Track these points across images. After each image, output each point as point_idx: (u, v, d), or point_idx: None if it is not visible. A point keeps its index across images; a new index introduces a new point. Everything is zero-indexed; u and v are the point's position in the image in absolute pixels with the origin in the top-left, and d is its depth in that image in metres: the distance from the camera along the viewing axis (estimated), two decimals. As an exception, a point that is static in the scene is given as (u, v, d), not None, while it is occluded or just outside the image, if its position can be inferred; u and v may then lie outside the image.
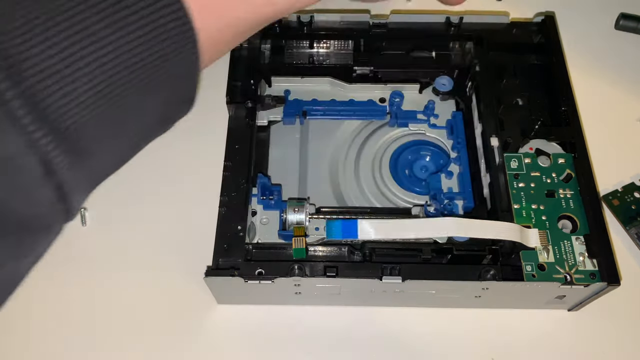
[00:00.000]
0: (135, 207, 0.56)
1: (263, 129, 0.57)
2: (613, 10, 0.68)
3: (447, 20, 0.58)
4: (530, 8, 0.68)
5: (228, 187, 0.49)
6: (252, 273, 0.45)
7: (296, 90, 0.58)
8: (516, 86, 0.55)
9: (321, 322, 0.51)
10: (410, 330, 0.50)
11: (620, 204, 0.55)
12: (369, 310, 0.51)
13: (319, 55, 0.59)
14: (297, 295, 0.49)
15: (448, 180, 0.54)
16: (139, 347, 0.50)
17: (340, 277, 0.45)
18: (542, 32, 0.58)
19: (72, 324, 0.51)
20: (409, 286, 0.46)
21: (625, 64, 0.65)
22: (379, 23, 0.58)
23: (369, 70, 0.57)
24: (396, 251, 0.47)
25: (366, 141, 0.57)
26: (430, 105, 0.57)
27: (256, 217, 0.51)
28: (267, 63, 0.58)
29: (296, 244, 0.46)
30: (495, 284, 0.45)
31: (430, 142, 0.57)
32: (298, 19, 0.58)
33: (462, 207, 0.52)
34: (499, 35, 0.58)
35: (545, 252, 0.46)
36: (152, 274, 0.53)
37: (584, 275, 0.45)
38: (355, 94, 0.58)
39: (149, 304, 0.51)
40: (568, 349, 0.50)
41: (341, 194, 0.54)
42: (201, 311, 0.51)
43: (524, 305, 0.51)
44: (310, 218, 0.50)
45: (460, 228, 0.45)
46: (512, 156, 0.50)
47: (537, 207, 0.48)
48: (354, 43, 0.58)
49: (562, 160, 0.50)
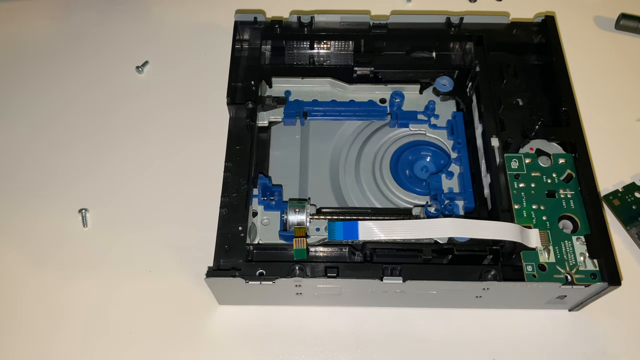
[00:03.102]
0: (136, 208, 0.56)
1: (264, 129, 0.57)
2: (613, 10, 0.68)
3: (448, 21, 0.58)
4: (530, 8, 0.68)
5: (229, 188, 0.49)
6: (253, 274, 0.45)
7: (297, 91, 0.58)
8: (516, 86, 0.56)
9: (322, 323, 0.51)
10: (410, 330, 0.50)
11: (621, 204, 0.55)
12: (369, 310, 0.51)
13: (320, 56, 0.59)
14: (298, 295, 0.49)
15: (448, 181, 0.54)
16: (140, 347, 0.50)
17: (341, 277, 0.45)
18: (542, 32, 0.58)
19: (73, 324, 0.51)
20: (410, 286, 0.46)
21: (625, 64, 0.65)
22: (379, 24, 0.58)
23: (369, 71, 0.57)
24: (397, 252, 0.47)
25: (367, 142, 0.57)
26: (431, 105, 0.57)
27: (257, 217, 0.51)
28: (268, 64, 0.58)
29: (297, 245, 0.46)
30: (496, 284, 0.45)
31: (431, 142, 0.57)
32: (298, 20, 0.58)
33: (463, 208, 0.52)
34: (499, 36, 0.58)
35: (546, 253, 0.46)
36: (153, 275, 0.53)
37: (584, 276, 0.45)
38: (356, 95, 0.58)
39: (150, 305, 0.52)
40: (568, 348, 0.50)
41: (342, 194, 0.54)
42: (202, 312, 0.51)
43: (525, 306, 0.51)
44: (311, 219, 0.50)
45: (461, 228, 0.45)
46: (513, 156, 0.50)
47: (538, 207, 0.48)
48: (354, 44, 0.58)
49: (562, 160, 0.50)
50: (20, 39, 0.68)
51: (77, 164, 0.59)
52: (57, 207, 0.56)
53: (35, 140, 0.61)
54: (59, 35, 0.68)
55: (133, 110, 0.62)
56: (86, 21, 0.69)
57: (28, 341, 0.50)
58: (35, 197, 0.57)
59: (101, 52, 0.67)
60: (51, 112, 0.62)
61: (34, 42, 0.67)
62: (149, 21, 0.69)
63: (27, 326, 0.51)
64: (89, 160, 0.59)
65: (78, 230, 0.55)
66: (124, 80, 0.65)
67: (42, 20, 0.69)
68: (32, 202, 0.57)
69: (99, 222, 0.56)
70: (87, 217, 0.56)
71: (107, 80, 0.65)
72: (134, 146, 0.60)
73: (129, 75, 0.65)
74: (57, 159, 0.59)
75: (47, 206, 0.57)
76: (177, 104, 0.63)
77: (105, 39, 0.68)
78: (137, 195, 0.57)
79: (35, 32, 0.68)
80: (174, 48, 0.67)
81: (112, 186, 0.58)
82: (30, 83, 0.64)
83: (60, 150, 0.60)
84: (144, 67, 0.65)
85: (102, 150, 0.60)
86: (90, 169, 0.59)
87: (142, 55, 0.66)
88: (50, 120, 0.62)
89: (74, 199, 0.57)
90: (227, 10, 0.67)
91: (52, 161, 0.59)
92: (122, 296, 0.52)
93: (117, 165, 0.59)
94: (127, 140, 0.60)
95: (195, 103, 0.63)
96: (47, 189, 0.58)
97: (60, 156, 0.60)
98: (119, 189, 0.58)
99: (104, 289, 0.52)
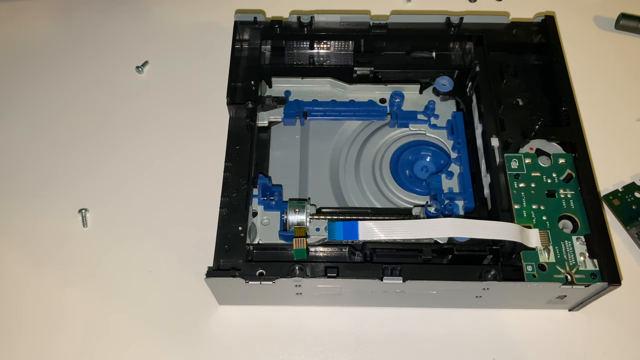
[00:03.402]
0: (136, 208, 0.56)
1: (264, 129, 0.57)
2: (613, 10, 0.68)
3: (447, 21, 0.58)
4: (530, 8, 0.68)
5: (229, 188, 0.49)
6: (253, 274, 0.45)
7: (296, 91, 0.58)
8: (516, 86, 0.56)
9: (322, 323, 0.51)
10: (410, 330, 0.50)
11: (621, 204, 0.55)
12: (369, 310, 0.51)
13: (319, 56, 0.59)
14: (298, 295, 0.49)
15: (448, 181, 0.54)
16: (140, 347, 0.50)
17: (341, 277, 0.45)
18: (542, 32, 0.58)
19: (73, 324, 0.51)
20: (410, 286, 0.46)
21: (625, 63, 0.65)
22: (379, 23, 0.58)
23: (369, 71, 0.57)
24: (397, 252, 0.47)
25: (367, 142, 0.57)
26: (431, 105, 0.57)
27: (257, 217, 0.51)
28: (268, 64, 0.58)
29: (297, 245, 0.46)
30: (496, 284, 0.45)
31: (431, 142, 0.57)
32: (298, 20, 0.58)
33: (463, 208, 0.52)
34: (499, 36, 0.58)
35: (545, 252, 0.46)
36: (153, 275, 0.53)
37: (584, 275, 0.45)
38: (356, 95, 0.58)
39: (150, 305, 0.52)
40: (569, 348, 0.50)
41: (342, 194, 0.54)
42: (202, 312, 0.51)
43: (525, 305, 0.51)
44: (311, 219, 0.50)
45: (461, 228, 0.45)
46: (513, 156, 0.50)
47: (538, 207, 0.48)
48: (354, 44, 0.58)
49: (562, 160, 0.50)
50: (20, 39, 0.68)
51: (77, 164, 0.59)
52: (57, 207, 0.56)
53: (35, 140, 0.61)
54: (59, 35, 0.68)
55: (133, 111, 0.62)
56: (86, 21, 0.69)
57: (28, 341, 0.50)
58: (35, 197, 0.57)
59: (101, 52, 0.67)
60: (51, 112, 0.62)
61: (34, 42, 0.67)
62: (149, 21, 0.69)
63: (26, 326, 0.51)
64: (89, 160, 0.59)
65: (78, 231, 0.55)
66: (124, 80, 0.65)
67: (42, 20, 0.69)
68: (32, 202, 0.57)
69: (98, 222, 0.56)
70: (87, 217, 0.56)
71: (107, 80, 0.65)
72: (134, 146, 0.60)
73: (129, 75, 0.65)
74: (57, 159, 0.59)
75: (47, 206, 0.57)
76: (177, 104, 0.63)
77: (105, 39, 0.68)
78: (137, 195, 0.57)
79: (35, 32, 0.68)
80: (174, 48, 0.67)
81: (112, 186, 0.58)
82: (30, 83, 0.64)
83: (60, 150, 0.60)
84: (144, 67, 0.65)
85: (102, 150, 0.60)
86: (90, 169, 0.59)
87: (142, 55, 0.66)
88: (50, 120, 0.62)
89: (74, 199, 0.57)
90: (227, 10, 0.67)
91: (52, 161, 0.59)
92: (121, 296, 0.52)
93: (117, 165, 0.59)
94: (127, 140, 0.60)
95: (195, 103, 0.63)
96: (47, 189, 0.58)
97: (60, 156, 0.60)
98: (118, 189, 0.58)
99: (103, 289, 0.52)
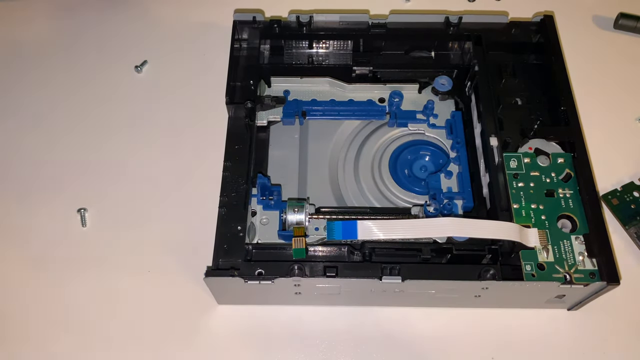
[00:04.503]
0: (135, 208, 0.56)
1: (262, 129, 0.57)
2: (612, 9, 0.68)
3: (446, 20, 0.58)
4: (529, 8, 0.68)
5: (228, 188, 0.49)
6: (252, 273, 0.45)
7: (295, 91, 0.58)
8: (515, 86, 0.56)
9: (321, 322, 0.51)
10: (410, 330, 0.50)
11: (620, 204, 0.55)
12: (368, 310, 0.51)
13: (318, 56, 0.59)
14: (297, 295, 0.49)
15: (447, 180, 0.54)
16: (139, 347, 0.50)
17: (340, 277, 0.45)
18: (541, 31, 0.58)
19: (72, 324, 0.51)
20: (409, 286, 0.46)
21: (624, 63, 0.65)
22: (378, 23, 0.58)
23: (368, 71, 0.58)
24: (396, 251, 0.47)
25: (365, 141, 0.57)
26: (430, 105, 0.57)
27: (256, 217, 0.51)
28: (267, 63, 0.58)
29: (296, 244, 0.46)
30: (495, 283, 0.45)
31: (430, 142, 0.57)
32: (297, 19, 0.58)
33: (462, 207, 0.52)
34: (498, 35, 0.58)
35: (544, 252, 0.46)
36: (152, 275, 0.53)
37: (583, 275, 0.45)
38: (355, 94, 0.58)
39: (149, 305, 0.52)
40: (568, 348, 0.50)
41: (341, 194, 0.54)
42: (201, 311, 0.51)
43: (524, 305, 0.51)
44: (310, 218, 0.50)
45: (460, 228, 0.45)
46: (512, 156, 0.51)
47: (537, 206, 0.48)
48: (353, 43, 0.58)
49: (561, 159, 0.50)
50: (20, 38, 0.68)
51: (76, 163, 0.59)
52: (56, 206, 0.56)
53: (34, 139, 0.61)
54: (58, 35, 0.68)
55: (132, 110, 0.62)
56: (85, 21, 0.69)
57: (28, 341, 0.50)
58: (35, 196, 0.57)
59: (100, 51, 0.67)
60: (50, 112, 0.62)
61: (33, 41, 0.67)
62: (148, 21, 0.69)
63: (26, 326, 0.51)
64: (88, 159, 0.59)
65: (77, 230, 0.55)
66: (122, 80, 0.65)
67: (41, 19, 0.69)
68: (31, 202, 0.57)
69: (97, 221, 0.56)
70: (86, 217, 0.56)
71: (106, 80, 0.65)
72: (133, 146, 0.60)
73: (127, 75, 0.65)
74: (56, 159, 0.59)
75: (46, 206, 0.57)
76: (176, 103, 0.63)
77: (104, 39, 0.67)
78: (136, 194, 0.57)
79: (34, 32, 0.68)
80: (173, 47, 0.67)
81: (111, 185, 0.58)
82: (29, 82, 0.64)
83: (59, 149, 0.60)
84: (143, 66, 0.65)
85: (101, 149, 0.60)
86: (89, 169, 0.59)
87: (141, 55, 0.66)
88: (49, 120, 0.62)
89: (72, 198, 0.57)
90: (226, 9, 0.67)
91: (51, 160, 0.59)
92: (121, 296, 0.52)
93: (116, 164, 0.59)
94: (126, 140, 0.60)
95: (194, 103, 0.63)
96: (46, 189, 0.58)
97: (59, 155, 0.60)
98: (117, 188, 0.58)
99: (103, 289, 0.52)
